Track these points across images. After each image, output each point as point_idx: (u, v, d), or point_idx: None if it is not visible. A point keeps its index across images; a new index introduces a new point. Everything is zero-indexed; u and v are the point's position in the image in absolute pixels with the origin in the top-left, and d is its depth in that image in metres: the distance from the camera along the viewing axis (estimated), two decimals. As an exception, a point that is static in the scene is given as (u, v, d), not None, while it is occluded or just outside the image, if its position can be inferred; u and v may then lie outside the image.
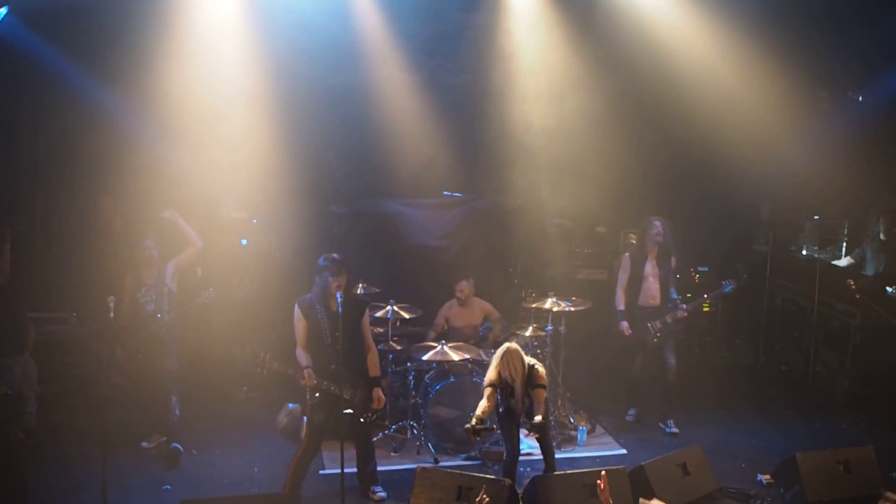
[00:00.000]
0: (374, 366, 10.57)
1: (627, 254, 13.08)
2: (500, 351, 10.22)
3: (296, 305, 10.31)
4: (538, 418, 9.90)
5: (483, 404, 9.94)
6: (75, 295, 12.79)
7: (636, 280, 12.77)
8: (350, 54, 14.05)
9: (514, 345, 10.28)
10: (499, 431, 10.68)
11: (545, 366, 12.09)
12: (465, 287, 13.22)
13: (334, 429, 10.35)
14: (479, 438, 10.20)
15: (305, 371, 10.05)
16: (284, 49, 13.63)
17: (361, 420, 10.40)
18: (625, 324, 12.79)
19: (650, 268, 12.75)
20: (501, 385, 10.16)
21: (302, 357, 10.20)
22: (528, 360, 10.27)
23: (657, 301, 12.75)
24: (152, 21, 12.70)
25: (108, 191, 13.46)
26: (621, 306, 12.86)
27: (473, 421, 9.69)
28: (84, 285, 12.59)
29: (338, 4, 13.56)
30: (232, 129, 13.53)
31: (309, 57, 13.75)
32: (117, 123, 13.28)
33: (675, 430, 12.79)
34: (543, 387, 10.11)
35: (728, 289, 12.93)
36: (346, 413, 9.87)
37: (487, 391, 10.09)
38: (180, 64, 13.07)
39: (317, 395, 10.10)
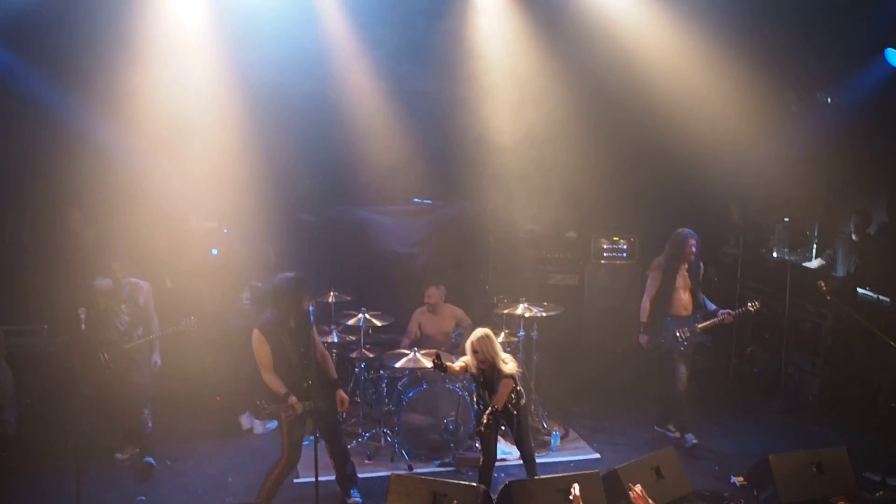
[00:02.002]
0: (331, 369, 10.50)
1: (657, 268, 12.76)
2: (476, 333, 10.16)
3: (256, 331, 9.97)
4: (496, 406, 9.83)
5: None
6: (45, 307, 12.69)
7: (667, 291, 12.58)
8: (318, 62, 14.00)
9: (488, 330, 10.26)
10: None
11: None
12: (433, 293, 13.22)
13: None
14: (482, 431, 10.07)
15: (291, 400, 9.81)
16: (252, 57, 13.57)
17: (331, 423, 10.37)
18: (645, 337, 12.69)
19: (681, 279, 12.60)
20: (475, 378, 10.24)
21: (275, 383, 9.91)
22: (503, 353, 10.27)
23: (688, 311, 12.61)
24: (119, 31, 12.62)
25: (78, 202, 13.40)
26: (644, 318, 12.71)
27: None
28: (54, 297, 12.51)
29: (305, 12, 13.52)
30: (201, 138, 13.46)
31: (277, 65, 13.71)
32: (86, 134, 13.22)
33: (694, 441, 12.50)
34: (511, 377, 10.06)
35: (752, 306, 12.82)
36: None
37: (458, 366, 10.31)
38: (149, 74, 12.99)
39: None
